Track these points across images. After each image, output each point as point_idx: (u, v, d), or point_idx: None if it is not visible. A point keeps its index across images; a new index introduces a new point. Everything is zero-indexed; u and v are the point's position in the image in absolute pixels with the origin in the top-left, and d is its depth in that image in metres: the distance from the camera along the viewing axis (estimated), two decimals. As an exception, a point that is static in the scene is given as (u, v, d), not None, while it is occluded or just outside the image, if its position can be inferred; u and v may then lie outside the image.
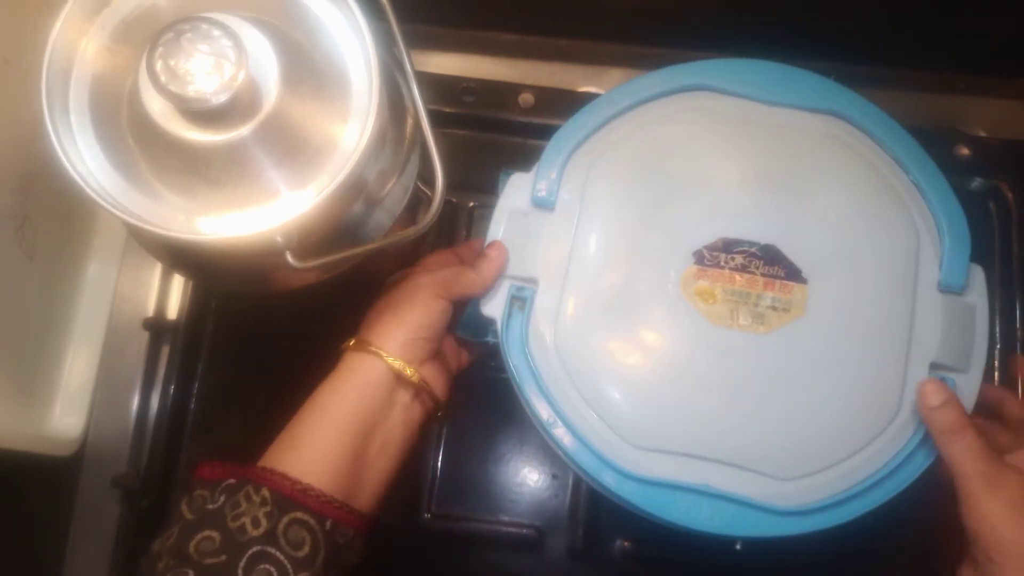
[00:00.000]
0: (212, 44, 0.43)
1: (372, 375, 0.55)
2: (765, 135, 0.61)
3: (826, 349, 0.57)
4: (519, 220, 0.60)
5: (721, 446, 0.56)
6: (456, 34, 0.82)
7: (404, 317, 0.56)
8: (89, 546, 0.75)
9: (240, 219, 0.48)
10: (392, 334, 0.56)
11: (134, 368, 0.78)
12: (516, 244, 0.59)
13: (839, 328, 0.57)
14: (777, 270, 0.58)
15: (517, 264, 0.59)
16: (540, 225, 0.60)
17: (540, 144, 0.78)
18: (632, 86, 0.63)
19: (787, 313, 0.57)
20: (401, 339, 0.55)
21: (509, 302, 0.59)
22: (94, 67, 0.48)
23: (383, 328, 0.56)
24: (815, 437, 0.57)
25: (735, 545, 0.72)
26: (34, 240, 0.69)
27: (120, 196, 0.47)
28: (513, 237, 0.60)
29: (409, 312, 0.56)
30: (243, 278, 0.56)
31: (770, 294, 0.58)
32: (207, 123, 0.45)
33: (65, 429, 0.75)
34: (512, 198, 0.61)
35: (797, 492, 0.56)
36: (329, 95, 0.49)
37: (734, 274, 0.58)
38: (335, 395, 0.56)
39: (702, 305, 0.57)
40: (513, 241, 0.59)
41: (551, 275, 0.59)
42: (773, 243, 0.58)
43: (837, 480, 0.56)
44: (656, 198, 0.59)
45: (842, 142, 0.62)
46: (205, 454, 0.76)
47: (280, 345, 0.79)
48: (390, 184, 0.55)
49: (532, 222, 0.60)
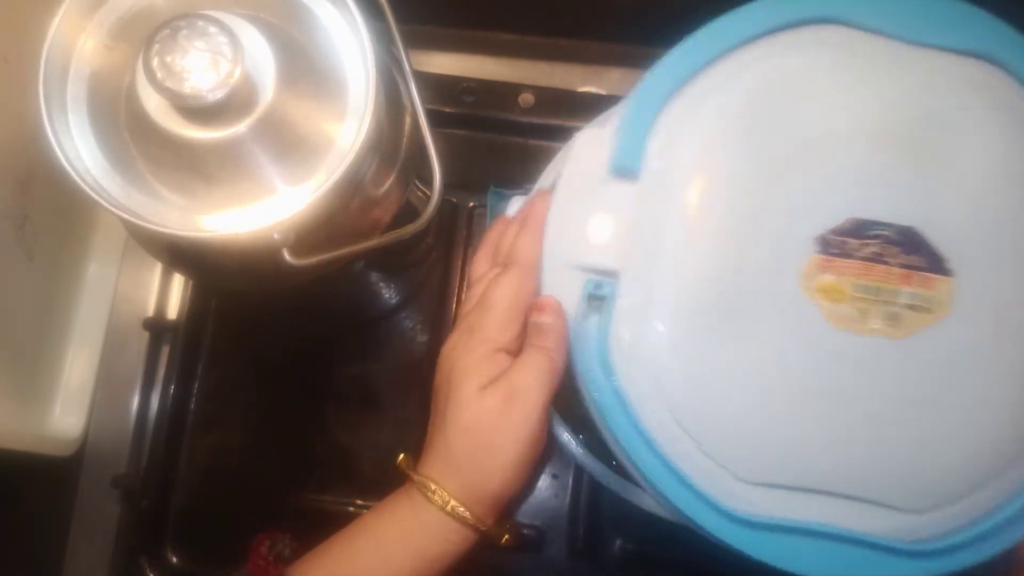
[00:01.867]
0: (209, 41, 0.43)
1: (452, 542, 0.46)
2: (905, 84, 0.49)
3: (975, 356, 0.47)
4: (593, 191, 0.48)
5: (841, 475, 0.47)
6: (456, 34, 0.82)
7: (501, 464, 0.45)
8: (89, 546, 0.75)
9: (237, 216, 0.48)
10: (487, 488, 0.45)
11: (134, 368, 0.78)
12: (589, 224, 0.48)
13: (992, 330, 0.47)
14: (916, 260, 0.47)
15: (592, 252, 0.47)
16: (620, 199, 0.47)
17: (540, 144, 0.79)
18: (738, 18, 0.49)
19: (928, 313, 0.47)
20: (498, 496, 0.46)
21: (584, 302, 0.47)
22: (92, 64, 0.48)
23: (474, 475, 0.45)
24: (955, 460, 0.47)
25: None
26: (34, 240, 0.69)
27: (117, 193, 0.47)
28: (584, 214, 0.48)
29: (508, 455, 0.45)
30: (241, 276, 0.56)
31: (908, 290, 0.47)
32: (204, 120, 0.45)
33: (65, 429, 0.75)
34: (583, 162, 0.49)
35: (929, 525, 0.47)
36: (326, 93, 0.49)
37: (868, 265, 0.47)
38: (396, 545, 0.47)
39: (826, 305, 0.47)
40: (584, 219, 0.48)
41: (636, 267, 0.47)
42: (912, 224, 0.47)
43: (977, 509, 0.46)
44: (770, 165, 0.48)
45: (1002, 96, 0.49)
46: (206, 454, 0.76)
47: (280, 345, 0.79)
48: (388, 182, 0.55)
49: (610, 195, 0.48)
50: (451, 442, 0.46)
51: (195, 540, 0.75)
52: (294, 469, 0.76)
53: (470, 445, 0.45)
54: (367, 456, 0.76)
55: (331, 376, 0.78)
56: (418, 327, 0.78)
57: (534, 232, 0.49)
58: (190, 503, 0.76)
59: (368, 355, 0.78)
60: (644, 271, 0.47)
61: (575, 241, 0.48)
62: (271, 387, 0.78)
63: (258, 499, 0.76)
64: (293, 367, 0.78)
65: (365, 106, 0.48)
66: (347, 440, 0.76)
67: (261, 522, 0.75)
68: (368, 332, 0.78)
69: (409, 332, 0.78)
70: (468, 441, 0.45)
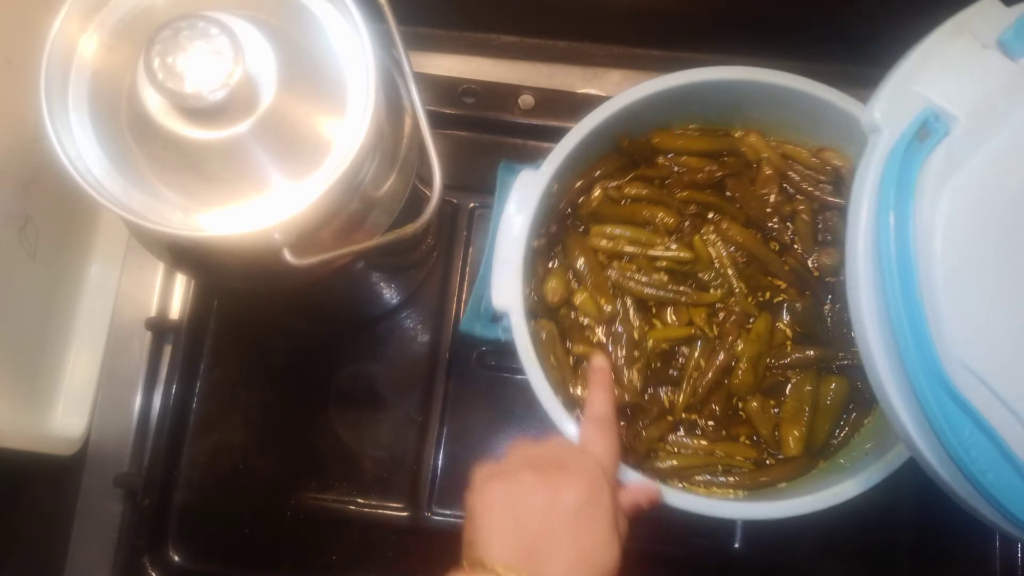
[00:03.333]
0: (209, 42, 0.43)
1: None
2: None
3: None
4: (971, 49, 0.48)
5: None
6: (457, 36, 0.82)
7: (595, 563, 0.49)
8: (91, 544, 0.75)
9: (238, 216, 0.48)
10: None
11: (136, 368, 0.78)
12: (954, 65, 0.47)
13: None
14: None
15: (942, 87, 0.47)
16: (992, 66, 0.47)
17: (540, 145, 0.79)
18: None
19: None
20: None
21: (915, 124, 0.46)
22: (93, 65, 0.49)
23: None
24: None
25: (734, 544, 0.73)
26: (37, 241, 0.70)
27: (119, 193, 0.48)
28: (955, 54, 0.48)
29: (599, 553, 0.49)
30: (243, 275, 0.56)
31: None
32: (205, 120, 0.45)
33: (68, 428, 0.75)
34: (975, 21, 0.48)
35: None
36: (327, 94, 0.50)
37: None
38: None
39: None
40: (952, 60, 0.47)
41: (973, 132, 0.46)
42: None
43: None
44: None
45: None
46: (207, 453, 0.77)
47: (282, 345, 0.79)
48: (388, 183, 0.56)
49: (986, 58, 0.48)
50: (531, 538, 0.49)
51: (197, 538, 0.76)
52: (295, 468, 0.76)
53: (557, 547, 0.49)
54: (368, 455, 0.76)
55: (332, 376, 0.78)
56: (419, 327, 0.79)
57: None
58: (192, 502, 0.76)
59: (369, 355, 0.78)
60: (976, 138, 0.46)
61: (937, 74, 0.47)
62: (273, 386, 0.78)
63: (259, 498, 0.76)
64: (295, 367, 0.79)
65: (365, 107, 0.48)
66: (348, 439, 0.76)
67: (262, 521, 0.76)
68: (369, 332, 0.79)
69: (410, 332, 0.78)
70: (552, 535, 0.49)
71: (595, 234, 0.68)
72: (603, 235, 0.68)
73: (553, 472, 0.50)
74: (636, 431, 0.64)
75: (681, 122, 0.70)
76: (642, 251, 0.67)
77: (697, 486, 0.65)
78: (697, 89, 0.66)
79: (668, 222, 0.68)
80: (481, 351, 0.77)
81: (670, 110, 0.68)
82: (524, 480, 0.50)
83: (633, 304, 0.67)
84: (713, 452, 0.65)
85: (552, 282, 0.67)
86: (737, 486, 0.65)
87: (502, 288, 0.58)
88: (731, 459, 0.65)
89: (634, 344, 0.66)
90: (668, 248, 0.67)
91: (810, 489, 0.60)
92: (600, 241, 0.68)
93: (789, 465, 0.65)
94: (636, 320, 0.67)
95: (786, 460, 0.65)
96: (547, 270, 0.68)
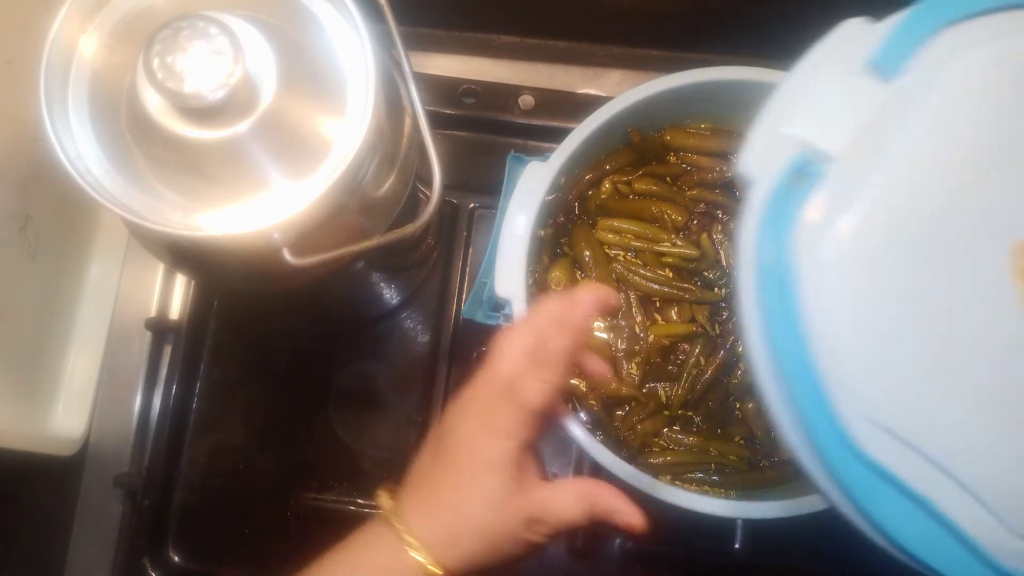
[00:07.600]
0: (209, 42, 0.43)
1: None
2: None
3: None
4: (842, 76, 0.43)
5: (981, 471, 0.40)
6: (457, 36, 0.82)
7: (460, 500, 0.42)
8: (91, 545, 0.75)
9: (238, 216, 0.48)
10: (442, 520, 0.42)
11: (136, 368, 0.78)
12: (826, 102, 0.43)
13: None
14: None
15: (813, 124, 0.42)
16: (865, 94, 0.43)
17: (540, 146, 0.79)
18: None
19: None
20: (451, 531, 0.42)
21: (787, 171, 0.41)
22: (93, 65, 0.49)
23: (431, 505, 0.43)
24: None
25: (734, 544, 0.73)
26: (37, 241, 0.70)
27: (119, 193, 0.48)
28: (826, 92, 0.43)
29: (471, 492, 0.42)
30: (243, 275, 0.56)
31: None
32: (204, 120, 0.45)
33: (67, 429, 0.75)
34: (843, 46, 0.44)
35: None
36: (326, 94, 0.50)
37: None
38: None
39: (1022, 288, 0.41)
40: (825, 95, 0.43)
41: (850, 166, 0.41)
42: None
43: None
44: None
45: None
46: (207, 453, 0.77)
47: (282, 345, 0.79)
48: (388, 183, 0.56)
49: (858, 85, 0.43)
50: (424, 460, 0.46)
51: (197, 539, 0.76)
52: (295, 468, 0.76)
53: (437, 478, 0.44)
54: (368, 455, 0.76)
55: (332, 376, 0.78)
56: (419, 327, 0.79)
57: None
58: (192, 502, 0.76)
59: (369, 355, 0.78)
60: (857, 175, 0.41)
61: (807, 110, 0.43)
62: (272, 387, 0.78)
63: (259, 498, 0.76)
64: (295, 367, 0.79)
65: (365, 107, 0.48)
66: (348, 440, 0.76)
67: (262, 521, 0.76)
68: (369, 332, 0.79)
69: (410, 332, 0.79)
70: (440, 469, 0.44)
71: (602, 227, 0.69)
72: (610, 228, 0.69)
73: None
74: (631, 424, 0.65)
75: (693, 120, 0.71)
76: (649, 246, 0.68)
77: (690, 484, 0.65)
78: (710, 88, 0.66)
79: (676, 219, 0.68)
80: (481, 351, 0.77)
81: (682, 108, 0.68)
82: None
83: (636, 298, 0.67)
84: (707, 450, 0.65)
85: (556, 272, 0.67)
86: (730, 486, 0.65)
87: (505, 276, 0.58)
88: (724, 458, 0.65)
89: (635, 338, 0.66)
90: (675, 244, 0.67)
91: (809, 489, 0.60)
92: (607, 234, 0.68)
93: (783, 468, 0.65)
94: (638, 315, 0.67)
95: (780, 463, 0.65)
96: (553, 260, 0.68)
